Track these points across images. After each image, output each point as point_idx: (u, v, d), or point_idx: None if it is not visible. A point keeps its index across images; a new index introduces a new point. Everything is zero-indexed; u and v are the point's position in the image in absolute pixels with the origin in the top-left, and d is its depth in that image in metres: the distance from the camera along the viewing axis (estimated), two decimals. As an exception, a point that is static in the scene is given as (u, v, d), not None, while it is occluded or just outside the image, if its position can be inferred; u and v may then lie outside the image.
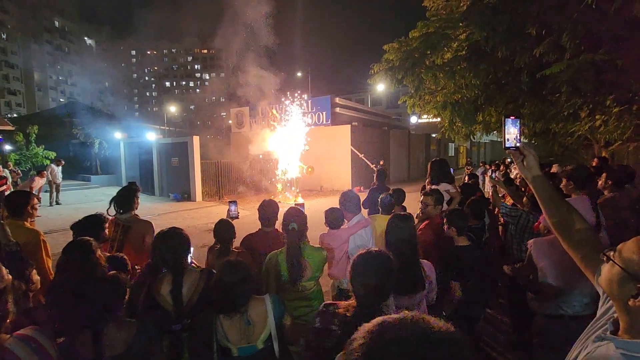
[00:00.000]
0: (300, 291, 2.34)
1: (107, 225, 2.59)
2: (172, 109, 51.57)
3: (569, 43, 4.49)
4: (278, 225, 2.72)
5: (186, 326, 1.83)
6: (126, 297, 1.69)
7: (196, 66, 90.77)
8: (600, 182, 3.30)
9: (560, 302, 2.21)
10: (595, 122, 6.14)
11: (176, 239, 1.93)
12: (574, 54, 4.71)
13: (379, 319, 0.63)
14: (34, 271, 2.01)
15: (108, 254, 2.32)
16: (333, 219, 2.79)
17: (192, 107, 78.91)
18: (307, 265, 2.32)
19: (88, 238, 1.95)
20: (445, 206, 3.37)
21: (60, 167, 12.66)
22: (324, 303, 1.57)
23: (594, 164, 5.15)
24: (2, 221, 2.31)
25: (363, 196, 3.81)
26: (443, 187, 3.57)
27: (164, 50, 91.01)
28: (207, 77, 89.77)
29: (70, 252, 1.86)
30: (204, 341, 1.61)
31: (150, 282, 1.89)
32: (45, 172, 11.28)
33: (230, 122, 21.09)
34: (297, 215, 2.42)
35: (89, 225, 2.42)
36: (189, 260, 2.21)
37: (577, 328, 2.04)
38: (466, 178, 6.28)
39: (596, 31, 4.44)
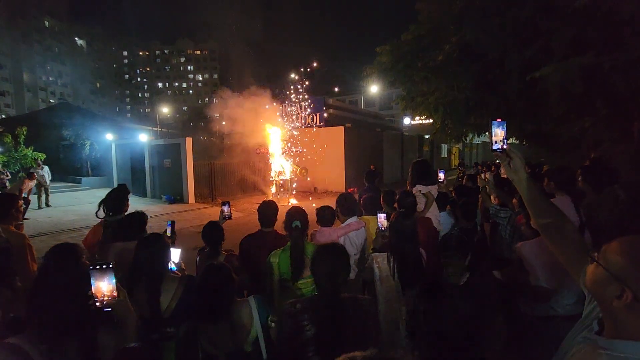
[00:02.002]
0: (300, 289, 2.35)
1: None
2: (165, 110, 51.15)
3: (557, 46, 4.56)
4: (276, 226, 2.75)
5: (165, 335, 1.78)
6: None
7: (189, 67, 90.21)
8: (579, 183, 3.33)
9: (552, 302, 2.22)
10: (584, 123, 6.24)
11: (155, 245, 1.88)
12: (562, 57, 4.78)
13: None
14: (17, 278, 1.97)
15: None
16: (324, 217, 2.83)
17: (184, 108, 78.40)
18: (309, 262, 2.33)
19: (75, 243, 1.90)
20: (422, 206, 3.40)
21: (46, 168, 12.30)
22: (287, 302, 1.60)
23: (586, 165, 5.18)
24: None
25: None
26: (417, 188, 3.59)
27: (157, 51, 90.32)
28: (200, 78, 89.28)
29: (54, 257, 1.68)
30: (188, 351, 1.58)
31: (128, 289, 1.84)
32: (35, 174, 11.07)
33: (223, 123, 20.99)
34: (300, 213, 2.45)
35: (133, 222, 2.53)
36: (173, 265, 2.18)
37: (569, 328, 2.06)
38: (464, 179, 6.31)
39: (584, 34, 4.52)
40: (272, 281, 2.34)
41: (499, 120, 1.35)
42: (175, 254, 2.37)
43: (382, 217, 2.58)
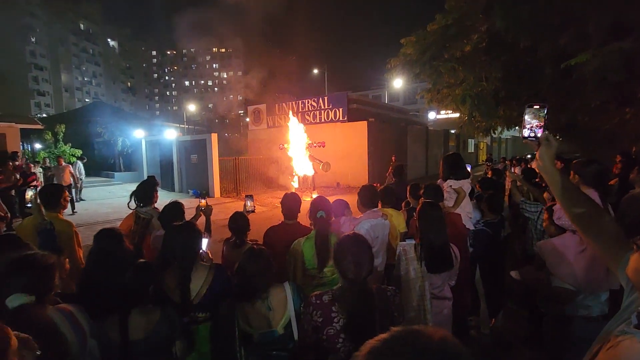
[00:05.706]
0: (324, 277, 2.38)
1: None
2: (191, 107, 52.58)
3: (595, 31, 4.30)
4: (299, 218, 2.79)
5: (195, 319, 1.86)
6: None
7: (214, 65, 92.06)
8: (632, 175, 3.17)
9: (574, 304, 2.13)
10: (625, 115, 5.86)
11: (187, 233, 1.95)
12: (600, 43, 4.50)
13: (380, 337, 0.59)
14: (67, 260, 2.13)
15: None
16: (338, 208, 2.90)
17: (210, 105, 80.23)
18: (332, 251, 2.36)
19: (116, 227, 2.04)
20: (452, 202, 3.30)
21: (79, 164, 12.87)
22: (312, 295, 1.61)
23: (617, 160, 4.86)
24: (38, 202, 2.47)
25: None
26: (447, 183, 3.49)
27: (183, 50, 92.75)
28: (225, 76, 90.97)
29: (101, 240, 1.93)
30: (226, 328, 1.67)
31: (160, 275, 1.91)
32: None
33: (247, 119, 21.32)
34: (324, 204, 2.50)
35: (173, 210, 2.78)
36: (202, 253, 2.26)
37: (589, 328, 1.97)
38: (489, 174, 6.09)
39: (624, 18, 4.23)
40: (296, 268, 2.38)
41: (537, 105, 1.23)
42: (203, 243, 2.44)
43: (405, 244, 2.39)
